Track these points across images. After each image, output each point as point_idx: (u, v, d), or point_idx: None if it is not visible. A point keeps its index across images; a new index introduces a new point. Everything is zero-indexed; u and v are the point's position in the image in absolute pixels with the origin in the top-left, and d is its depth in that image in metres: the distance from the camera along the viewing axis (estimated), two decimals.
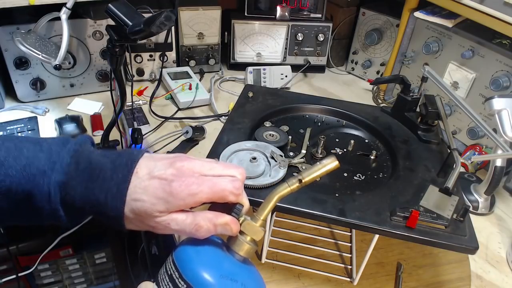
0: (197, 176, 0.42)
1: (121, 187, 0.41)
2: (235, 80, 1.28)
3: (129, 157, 0.43)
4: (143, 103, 1.12)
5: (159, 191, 0.40)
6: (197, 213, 0.42)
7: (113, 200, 0.40)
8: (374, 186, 0.66)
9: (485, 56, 0.92)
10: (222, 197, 0.42)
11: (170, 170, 0.42)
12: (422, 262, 0.73)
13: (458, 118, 1.01)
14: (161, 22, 0.65)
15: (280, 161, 0.62)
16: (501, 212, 0.88)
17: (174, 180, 0.41)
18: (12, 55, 0.99)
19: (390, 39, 1.22)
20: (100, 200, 0.41)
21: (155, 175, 0.41)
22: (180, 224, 0.41)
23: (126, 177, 0.41)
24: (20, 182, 0.40)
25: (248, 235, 0.43)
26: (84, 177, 0.41)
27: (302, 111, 0.81)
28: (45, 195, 0.40)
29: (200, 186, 0.41)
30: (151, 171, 0.42)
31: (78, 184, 0.41)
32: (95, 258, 1.48)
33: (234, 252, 0.42)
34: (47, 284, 1.48)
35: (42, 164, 0.41)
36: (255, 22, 1.24)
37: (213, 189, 0.42)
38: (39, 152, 0.41)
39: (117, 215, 0.41)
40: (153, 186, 0.41)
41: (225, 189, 0.42)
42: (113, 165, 0.42)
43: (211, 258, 0.41)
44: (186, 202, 0.41)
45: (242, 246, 0.42)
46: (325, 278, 0.68)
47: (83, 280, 1.53)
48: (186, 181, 0.41)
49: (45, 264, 1.42)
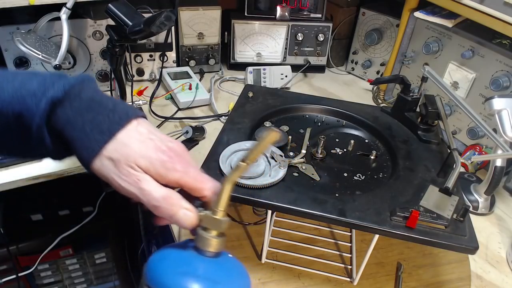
0: (185, 160, 0.44)
1: (112, 127, 0.41)
2: (235, 80, 1.28)
3: (133, 110, 0.44)
4: (143, 103, 1.12)
5: (150, 151, 0.42)
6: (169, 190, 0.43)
7: (99, 134, 0.41)
8: (374, 186, 0.66)
9: (485, 56, 0.92)
10: (197, 189, 0.44)
11: (166, 144, 0.43)
12: (422, 262, 0.73)
13: (458, 118, 1.01)
14: (161, 22, 0.65)
15: (280, 161, 0.62)
16: (501, 212, 0.88)
17: (166, 151, 0.43)
18: (12, 55, 0.99)
19: (390, 39, 1.22)
20: (85, 129, 0.41)
21: (152, 138, 0.43)
22: (151, 188, 0.41)
23: (123, 121, 0.42)
24: (11, 102, 0.40)
25: (211, 229, 0.42)
26: (77, 104, 0.41)
27: (302, 111, 0.81)
28: (32, 114, 0.40)
29: (186, 168, 0.43)
30: (150, 133, 0.43)
31: (69, 108, 0.41)
32: (95, 258, 1.48)
33: (204, 251, 0.41)
34: (47, 284, 1.48)
35: (34, 88, 0.41)
36: (255, 22, 1.24)
37: (195, 178, 0.43)
38: (34, 78, 0.42)
39: (93, 148, 0.41)
40: (146, 144, 0.42)
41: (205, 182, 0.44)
42: (113, 107, 0.42)
43: (179, 263, 0.41)
44: (167, 173, 0.42)
45: (209, 242, 0.41)
46: (325, 278, 0.68)
47: (83, 280, 1.53)
48: (176, 159, 0.43)
49: (45, 264, 1.42)
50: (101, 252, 1.47)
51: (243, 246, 0.72)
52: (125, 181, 0.41)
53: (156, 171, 0.41)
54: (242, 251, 0.71)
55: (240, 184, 0.58)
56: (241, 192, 0.58)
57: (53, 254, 1.33)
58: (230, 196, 0.42)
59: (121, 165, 0.41)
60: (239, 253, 0.71)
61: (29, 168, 0.85)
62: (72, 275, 1.49)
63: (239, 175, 0.42)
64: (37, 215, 1.34)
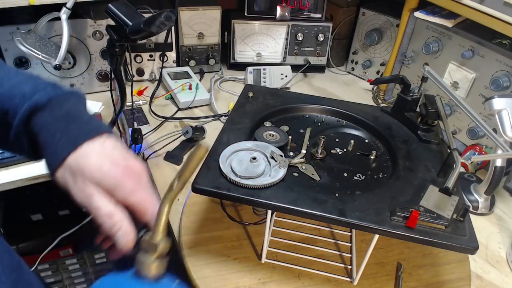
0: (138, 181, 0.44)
1: (80, 137, 0.42)
2: (235, 80, 1.28)
3: (107, 127, 0.46)
4: (143, 103, 1.12)
5: (106, 165, 0.42)
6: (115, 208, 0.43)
7: (66, 143, 0.42)
8: (374, 186, 0.66)
9: (485, 56, 0.92)
10: (141, 212, 0.44)
11: (126, 161, 0.44)
12: (422, 262, 0.73)
13: (458, 118, 1.01)
14: (161, 22, 0.65)
15: (280, 161, 0.62)
16: (501, 212, 0.88)
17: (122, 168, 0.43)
18: (12, 55, 0.99)
19: (390, 39, 1.22)
20: (56, 135, 0.42)
21: (114, 153, 0.43)
22: (99, 204, 0.42)
23: (91, 133, 0.43)
24: (2, 99, 0.42)
25: (150, 253, 0.41)
26: (56, 113, 0.43)
27: (302, 111, 0.81)
28: (15, 113, 0.42)
29: (135, 189, 0.43)
30: (114, 148, 0.44)
31: (48, 115, 0.42)
32: (95, 258, 1.48)
33: (142, 275, 0.40)
34: (47, 284, 1.48)
35: (25, 90, 0.43)
36: (255, 22, 1.24)
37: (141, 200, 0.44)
38: (30, 81, 0.44)
39: (58, 157, 0.42)
40: (105, 157, 0.42)
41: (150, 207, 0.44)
42: (88, 121, 0.44)
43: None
44: (116, 189, 0.42)
45: (145, 266, 0.40)
46: (325, 278, 0.68)
47: (83, 280, 1.53)
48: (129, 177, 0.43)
49: (45, 264, 1.42)
50: (101, 252, 1.47)
51: (243, 246, 0.72)
52: (79, 195, 0.42)
53: (106, 186, 0.42)
54: (242, 251, 0.71)
55: (240, 184, 0.58)
56: (241, 192, 0.58)
57: (53, 254, 1.33)
58: (167, 219, 0.42)
59: (78, 178, 0.42)
60: (239, 253, 0.71)
61: (29, 168, 0.85)
62: (72, 275, 1.49)
63: (175, 196, 0.42)
64: (37, 215, 1.34)
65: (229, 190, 0.58)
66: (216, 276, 0.67)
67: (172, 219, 0.79)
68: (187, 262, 0.68)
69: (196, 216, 0.77)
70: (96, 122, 0.45)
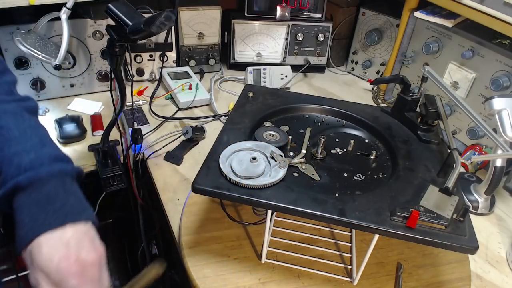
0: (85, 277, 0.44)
1: (39, 228, 0.43)
2: (235, 80, 1.28)
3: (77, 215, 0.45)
4: (143, 103, 1.12)
5: (55, 259, 0.43)
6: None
7: (30, 230, 0.43)
8: (374, 186, 0.66)
9: (485, 56, 0.92)
10: None
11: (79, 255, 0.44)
12: (422, 262, 0.73)
13: (458, 118, 1.01)
14: (161, 22, 0.65)
15: (280, 161, 0.62)
16: (501, 212, 0.88)
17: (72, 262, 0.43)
18: (12, 55, 0.99)
19: (390, 39, 1.22)
20: (25, 221, 0.44)
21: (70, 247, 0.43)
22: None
23: (53, 224, 0.44)
24: (3, 161, 0.45)
25: None
26: (34, 196, 0.44)
27: (302, 111, 0.81)
28: (5, 181, 0.44)
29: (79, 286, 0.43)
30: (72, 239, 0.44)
31: (26, 197, 0.44)
32: None
33: None
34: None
35: (23, 162, 0.44)
36: (255, 22, 1.24)
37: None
38: (32, 152, 0.45)
39: (21, 243, 0.44)
40: (56, 251, 0.43)
41: None
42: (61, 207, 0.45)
43: None
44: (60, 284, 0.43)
45: None
46: (325, 278, 0.68)
47: None
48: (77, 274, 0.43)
49: None
50: None
51: (243, 246, 0.72)
52: (31, 280, 0.44)
53: (53, 279, 0.43)
54: (242, 251, 0.71)
55: (240, 184, 0.58)
56: (241, 192, 0.58)
57: None
58: None
59: (32, 265, 0.44)
60: (239, 253, 0.71)
61: None
62: None
63: None
64: None
65: (229, 190, 0.58)
66: (216, 276, 0.67)
67: (172, 219, 0.79)
68: (187, 262, 0.68)
69: (196, 216, 0.77)
70: (69, 209, 0.45)
